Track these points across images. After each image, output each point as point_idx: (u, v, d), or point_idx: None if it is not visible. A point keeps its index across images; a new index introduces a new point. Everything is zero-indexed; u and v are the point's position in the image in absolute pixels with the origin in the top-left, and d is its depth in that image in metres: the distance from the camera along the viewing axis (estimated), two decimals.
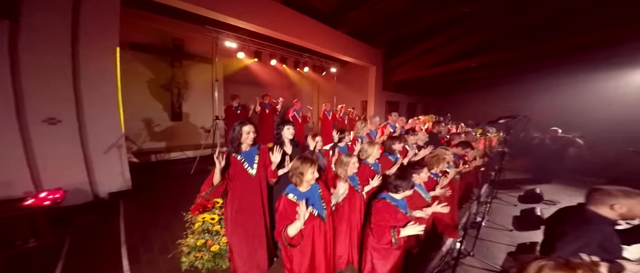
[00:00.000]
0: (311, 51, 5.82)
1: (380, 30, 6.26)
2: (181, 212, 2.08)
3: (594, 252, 1.18)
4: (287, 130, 2.05)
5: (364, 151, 2.37)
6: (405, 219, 1.66)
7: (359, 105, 8.01)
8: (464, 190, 3.44)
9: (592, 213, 1.22)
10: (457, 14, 4.98)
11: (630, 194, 1.16)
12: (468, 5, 4.61)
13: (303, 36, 4.77)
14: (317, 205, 1.44)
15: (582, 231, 1.18)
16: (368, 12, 5.12)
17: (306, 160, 1.39)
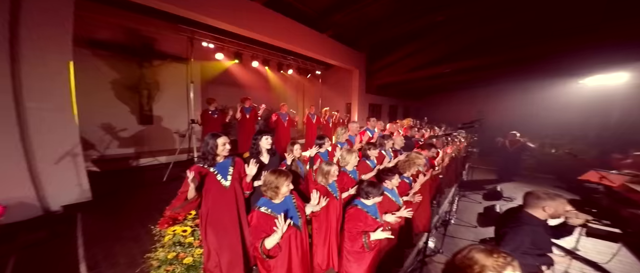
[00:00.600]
0: (296, 53, 5.78)
1: (363, 34, 6.42)
2: (149, 225, 1.96)
3: (528, 249, 1.37)
4: (265, 141, 2.02)
5: (343, 159, 2.43)
6: (376, 224, 1.75)
7: (343, 108, 8.13)
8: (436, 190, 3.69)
9: (528, 215, 1.41)
10: (432, 22, 5.29)
11: (555, 197, 1.35)
12: (442, 14, 4.92)
13: (286, 39, 4.72)
14: (292, 215, 1.47)
15: (518, 231, 1.36)
16: (351, 16, 5.21)
17: (281, 173, 1.40)
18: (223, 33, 4.33)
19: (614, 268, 2.38)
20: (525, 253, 1.36)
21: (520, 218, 1.40)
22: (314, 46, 5.50)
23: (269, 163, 2.03)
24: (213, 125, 3.71)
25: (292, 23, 4.82)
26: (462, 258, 0.88)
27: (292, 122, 4.78)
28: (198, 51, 4.88)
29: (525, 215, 1.42)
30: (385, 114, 9.64)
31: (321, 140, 2.67)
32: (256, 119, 4.36)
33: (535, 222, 1.38)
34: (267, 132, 2.05)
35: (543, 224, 1.40)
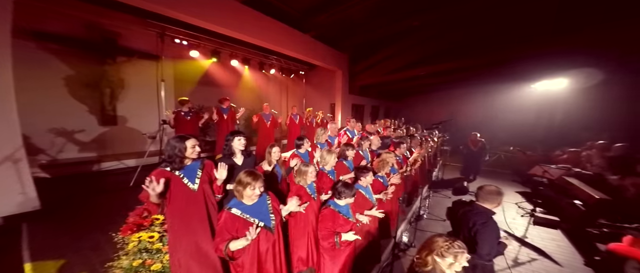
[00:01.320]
0: (279, 53, 5.69)
1: (346, 36, 6.54)
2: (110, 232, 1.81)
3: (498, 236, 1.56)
4: (237, 141, 1.98)
5: (322, 159, 2.50)
6: (348, 224, 1.85)
7: (327, 108, 8.21)
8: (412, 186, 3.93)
9: (487, 210, 1.59)
10: (409, 26, 5.59)
11: (500, 193, 1.55)
12: (417, 19, 5.22)
13: (267, 38, 4.61)
14: (264, 217, 1.47)
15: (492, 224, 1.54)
16: (334, 17, 5.26)
17: (247, 176, 1.39)
18: (199, 30, 4.10)
19: (553, 251, 2.75)
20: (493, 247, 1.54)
21: (485, 213, 1.58)
22: (296, 46, 5.47)
23: (242, 165, 2.00)
24: (186, 127, 3.50)
25: (274, 22, 4.74)
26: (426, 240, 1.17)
27: (275, 122, 4.67)
28: (170, 48, 4.52)
29: (487, 209, 1.60)
30: (367, 114, 9.91)
31: (300, 141, 2.70)
32: (235, 120, 4.20)
33: (491, 214, 1.57)
34: (240, 133, 2.00)
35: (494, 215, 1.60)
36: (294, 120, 5.35)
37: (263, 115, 4.50)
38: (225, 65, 5.71)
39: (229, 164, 1.95)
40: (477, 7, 4.17)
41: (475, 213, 1.59)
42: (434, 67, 6.54)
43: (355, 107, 9.05)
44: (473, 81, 8.39)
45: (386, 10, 4.88)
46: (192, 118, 3.70)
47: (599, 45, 4.07)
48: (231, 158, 1.99)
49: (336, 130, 3.71)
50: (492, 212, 1.58)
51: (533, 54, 5.00)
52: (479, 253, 1.49)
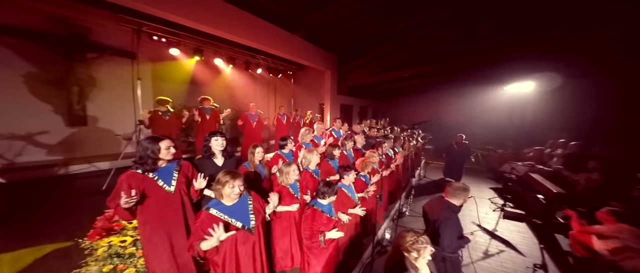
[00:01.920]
0: (266, 53, 5.59)
1: (335, 36, 6.59)
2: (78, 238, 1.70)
3: (457, 235, 1.67)
4: (215, 142, 1.94)
5: (305, 158, 2.53)
6: (331, 222, 1.89)
7: (316, 108, 8.23)
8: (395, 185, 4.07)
9: (452, 205, 1.71)
10: (394, 29, 5.77)
11: (466, 189, 1.67)
12: (402, 22, 5.41)
13: (254, 37, 4.50)
14: (244, 217, 1.45)
15: (454, 220, 1.66)
16: (324, 18, 5.28)
17: (226, 175, 1.38)
18: (180, 27, 3.91)
19: (518, 243, 2.99)
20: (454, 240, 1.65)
21: (450, 208, 1.69)
22: (284, 46, 5.41)
23: (223, 166, 1.97)
24: (164, 128, 3.34)
25: (260, 22, 4.65)
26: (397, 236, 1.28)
27: (261, 123, 4.60)
28: (148, 45, 4.25)
29: (452, 205, 1.72)
30: (356, 115, 10.06)
31: (284, 141, 2.70)
32: (217, 120, 4.07)
33: (456, 210, 1.69)
34: (218, 133, 1.96)
35: (458, 211, 1.72)
36: (281, 120, 5.31)
37: (249, 116, 4.40)
38: (208, 63, 5.48)
39: (209, 165, 1.91)
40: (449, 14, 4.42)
41: (442, 208, 1.71)
42: (417, 69, 6.82)
43: (344, 107, 9.15)
44: (453, 83, 8.85)
45: (373, 11, 4.99)
46: (171, 118, 3.53)
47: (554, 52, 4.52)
48: (211, 160, 1.95)
49: (322, 130, 3.75)
50: (457, 207, 1.70)
51: (502, 58, 5.40)
52: (440, 244, 1.61)
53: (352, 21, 5.58)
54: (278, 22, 5.02)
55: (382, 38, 6.35)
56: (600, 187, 2.78)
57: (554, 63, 5.37)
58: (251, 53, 5.72)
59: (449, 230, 1.62)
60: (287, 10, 4.89)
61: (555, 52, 4.44)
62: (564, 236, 2.88)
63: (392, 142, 4.04)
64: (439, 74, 7.17)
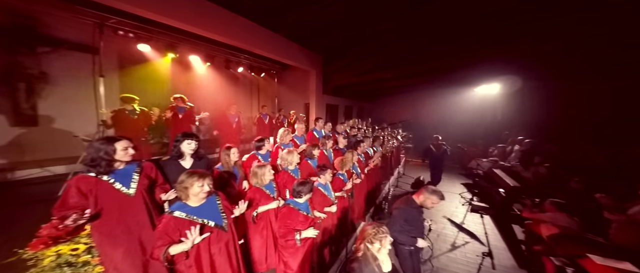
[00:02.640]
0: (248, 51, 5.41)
1: (319, 36, 6.60)
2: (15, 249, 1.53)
3: (402, 224, 1.78)
4: (187, 146, 1.86)
5: (284, 159, 2.52)
6: (307, 220, 1.91)
7: (301, 108, 8.19)
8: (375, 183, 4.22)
9: (411, 199, 1.82)
10: (375, 31, 5.93)
11: (434, 192, 1.77)
12: (382, 24, 5.58)
13: (234, 36, 4.32)
14: (215, 216, 1.43)
15: (398, 210, 1.76)
16: (306, 18, 5.27)
17: (193, 174, 1.34)
18: (150, 22, 3.63)
19: (482, 234, 3.18)
20: (402, 231, 1.76)
21: (407, 202, 1.81)
22: (267, 45, 5.29)
23: (191, 168, 1.88)
24: (130, 128, 3.10)
25: (242, 20, 4.47)
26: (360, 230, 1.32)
27: (241, 123, 4.48)
28: (114, 40, 3.86)
29: (409, 198, 1.84)
30: (341, 114, 10.19)
31: (260, 142, 2.66)
32: (191, 120, 3.85)
33: (412, 205, 1.80)
34: (191, 136, 1.88)
35: (417, 207, 1.83)
36: (263, 120, 5.20)
37: (229, 116, 4.25)
38: (184, 61, 5.14)
39: (174, 168, 1.83)
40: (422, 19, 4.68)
41: (402, 200, 1.84)
42: (397, 70, 7.10)
43: (329, 107, 9.21)
44: (430, 85, 9.38)
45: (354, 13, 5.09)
46: (139, 118, 3.28)
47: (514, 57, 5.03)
48: (177, 161, 1.86)
49: (303, 130, 3.75)
50: (415, 203, 1.81)
51: (472, 62, 5.84)
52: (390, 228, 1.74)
53: (335, 22, 5.64)
54: (260, 20, 4.90)
55: (364, 39, 6.50)
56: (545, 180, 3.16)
57: (515, 67, 5.95)
58: (232, 51, 5.51)
59: (400, 218, 1.74)
60: (269, 8, 4.79)
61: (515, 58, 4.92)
62: (519, 226, 3.22)
63: (371, 141, 4.18)
64: (417, 75, 7.55)
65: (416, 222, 1.82)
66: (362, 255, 1.25)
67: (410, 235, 1.78)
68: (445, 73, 7.18)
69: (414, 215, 1.81)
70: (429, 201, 1.77)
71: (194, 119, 3.83)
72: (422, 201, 1.80)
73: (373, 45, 6.62)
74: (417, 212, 1.83)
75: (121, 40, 3.87)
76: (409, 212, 1.79)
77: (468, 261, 2.70)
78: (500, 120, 9.06)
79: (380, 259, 1.29)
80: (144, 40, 4.01)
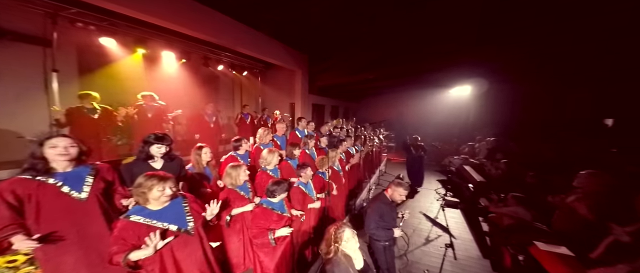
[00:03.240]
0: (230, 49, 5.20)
1: (305, 36, 6.57)
2: None
3: (377, 220, 1.87)
4: (157, 149, 1.75)
5: (264, 159, 2.48)
6: (282, 219, 1.89)
7: (287, 108, 8.10)
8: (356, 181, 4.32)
9: (383, 195, 1.91)
10: (358, 32, 6.05)
11: (399, 184, 1.88)
12: (366, 26, 5.72)
13: (212, 32, 4.12)
14: (179, 220, 1.36)
15: (372, 207, 1.86)
16: (289, 17, 5.21)
17: (151, 177, 1.26)
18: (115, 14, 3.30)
19: (453, 227, 3.44)
20: (379, 227, 1.85)
21: (380, 198, 1.89)
22: (249, 44, 5.13)
23: (161, 169, 1.78)
24: (89, 128, 2.84)
25: (219, 15, 4.28)
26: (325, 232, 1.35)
27: (219, 123, 4.29)
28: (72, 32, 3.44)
29: (381, 194, 1.93)
30: (327, 114, 10.25)
31: (238, 142, 2.60)
32: (164, 119, 3.62)
33: (384, 200, 1.89)
34: (163, 139, 1.77)
35: (389, 203, 1.92)
36: (244, 119, 5.05)
37: (206, 116, 4.05)
38: (157, 56, 4.75)
39: (143, 169, 1.71)
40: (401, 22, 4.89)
41: (374, 197, 1.92)
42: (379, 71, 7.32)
43: (316, 107, 9.22)
44: (411, 86, 9.86)
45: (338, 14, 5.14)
46: (100, 117, 3.00)
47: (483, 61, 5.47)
48: (146, 163, 1.74)
49: (284, 130, 3.71)
50: (387, 199, 1.91)
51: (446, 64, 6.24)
52: (366, 226, 1.81)
53: (319, 22, 5.66)
54: (241, 18, 4.75)
55: (349, 40, 6.61)
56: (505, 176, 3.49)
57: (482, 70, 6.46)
58: (211, 48, 5.26)
59: (375, 214, 1.82)
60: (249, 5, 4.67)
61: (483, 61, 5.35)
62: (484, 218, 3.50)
63: (352, 140, 4.27)
64: (397, 76, 7.86)
65: (390, 216, 1.91)
66: (333, 256, 1.27)
67: (386, 228, 1.86)
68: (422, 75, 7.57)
69: (387, 210, 1.90)
70: (396, 194, 1.86)
71: (166, 118, 3.59)
72: (391, 195, 1.90)
73: (357, 46, 6.76)
74: (389, 207, 1.92)
75: (80, 33, 3.49)
76: (382, 207, 1.87)
77: (439, 254, 2.87)
78: (472, 120, 9.78)
79: (352, 256, 1.32)
80: (108, 34, 3.65)
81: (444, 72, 7.00)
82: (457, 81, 8.34)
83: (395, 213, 1.98)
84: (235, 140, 2.63)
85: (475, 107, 9.70)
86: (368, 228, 1.91)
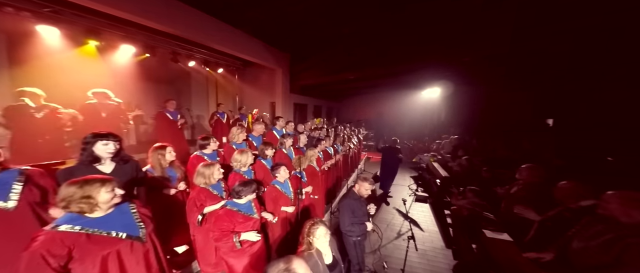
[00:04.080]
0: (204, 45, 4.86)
1: (287, 35, 6.45)
2: None
3: (351, 217, 1.94)
4: (103, 147, 1.54)
5: (237, 161, 2.37)
6: (248, 220, 1.81)
7: (267, 107, 7.89)
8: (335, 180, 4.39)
9: (351, 191, 1.98)
10: (340, 33, 6.13)
11: (365, 179, 1.97)
12: (347, 27, 5.82)
13: (180, 27, 3.81)
14: (128, 226, 1.24)
15: (343, 204, 1.91)
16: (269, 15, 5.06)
17: (87, 181, 1.13)
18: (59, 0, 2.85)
19: (422, 221, 3.71)
20: (353, 223, 1.92)
21: (349, 195, 1.96)
22: (226, 41, 4.84)
23: (113, 173, 1.60)
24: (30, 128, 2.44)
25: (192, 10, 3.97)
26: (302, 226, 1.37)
27: (186, 122, 3.97)
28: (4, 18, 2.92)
29: (350, 190, 2.01)
30: (310, 113, 10.22)
31: (205, 141, 2.46)
32: (121, 119, 3.26)
33: (353, 196, 1.97)
34: (108, 136, 1.56)
35: (359, 198, 2.01)
36: (220, 119, 4.78)
37: (168, 114, 3.68)
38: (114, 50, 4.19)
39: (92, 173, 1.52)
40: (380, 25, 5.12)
41: (345, 195, 2.00)
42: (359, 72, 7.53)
43: (298, 106, 9.12)
44: (389, 86, 10.34)
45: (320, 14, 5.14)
46: (46, 116, 2.58)
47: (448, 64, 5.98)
48: (92, 167, 1.54)
49: (262, 130, 3.61)
50: (356, 194, 1.99)
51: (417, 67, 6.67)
52: (341, 223, 1.88)
53: (301, 21, 5.62)
54: (219, 14, 4.47)
55: (330, 41, 6.67)
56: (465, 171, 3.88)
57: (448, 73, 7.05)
58: (180, 43, 4.86)
59: (344, 211, 1.90)
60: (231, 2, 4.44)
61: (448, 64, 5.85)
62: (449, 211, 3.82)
63: (331, 139, 4.33)
64: (376, 77, 8.18)
65: (361, 211, 2.00)
66: (305, 250, 1.32)
67: (359, 223, 1.94)
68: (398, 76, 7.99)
69: (357, 205, 1.97)
70: (363, 189, 1.96)
71: (125, 117, 3.22)
72: (358, 190, 1.99)
73: (339, 47, 6.85)
74: (359, 202, 2.00)
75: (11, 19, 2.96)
76: (352, 203, 1.94)
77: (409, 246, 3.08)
78: (442, 120, 10.63)
79: (322, 252, 1.37)
80: (49, 22, 3.12)
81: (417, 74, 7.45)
82: (428, 83, 8.97)
83: (364, 208, 2.06)
84: (203, 138, 2.48)
85: (444, 107, 10.55)
86: (343, 226, 1.96)
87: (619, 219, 1.28)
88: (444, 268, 2.63)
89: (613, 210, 1.31)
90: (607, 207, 1.35)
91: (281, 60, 7.31)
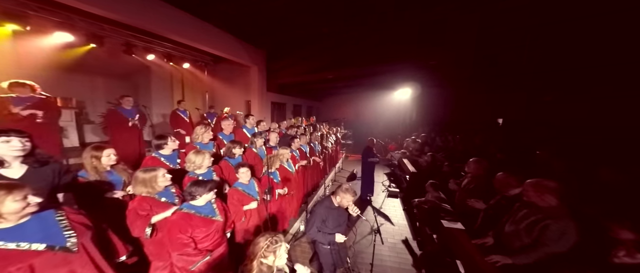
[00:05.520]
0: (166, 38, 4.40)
1: (264, 32, 6.20)
2: None
3: (320, 226, 1.90)
4: (6, 146, 1.29)
5: (191, 162, 2.16)
6: (208, 223, 1.65)
7: (242, 105, 7.52)
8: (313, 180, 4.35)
9: (329, 200, 1.94)
10: (320, 32, 6.11)
11: (347, 191, 1.88)
12: (326, 26, 5.82)
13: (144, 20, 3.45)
14: (52, 236, 1.09)
15: (315, 211, 1.88)
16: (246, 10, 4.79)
17: None
18: None
19: (393, 215, 3.89)
20: (320, 230, 1.88)
21: (323, 201, 1.92)
22: (196, 36, 4.49)
23: (24, 178, 1.33)
24: None
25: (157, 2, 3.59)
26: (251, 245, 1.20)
27: (144, 120, 3.53)
28: None
29: (328, 198, 1.96)
30: (289, 113, 10.04)
31: (162, 140, 2.21)
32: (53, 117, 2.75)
33: (330, 205, 1.91)
34: (8, 132, 1.30)
35: (335, 208, 1.91)
36: (181, 117, 4.32)
37: (122, 112, 3.27)
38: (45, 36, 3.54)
39: None
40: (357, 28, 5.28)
41: (320, 202, 1.98)
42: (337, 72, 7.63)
43: (276, 105, 8.88)
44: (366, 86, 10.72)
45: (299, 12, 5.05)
46: None
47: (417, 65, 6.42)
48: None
49: (231, 128, 3.41)
50: (333, 204, 1.91)
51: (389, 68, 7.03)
52: (306, 228, 1.85)
53: (279, 18, 5.46)
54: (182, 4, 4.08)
55: (310, 39, 6.61)
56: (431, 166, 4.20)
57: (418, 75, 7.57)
58: (135, 34, 4.33)
59: (317, 219, 1.86)
60: None
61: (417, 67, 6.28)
62: None
63: (307, 138, 4.29)
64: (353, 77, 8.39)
65: (335, 222, 1.90)
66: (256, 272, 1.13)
67: (327, 233, 1.86)
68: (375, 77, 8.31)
69: (333, 215, 1.88)
70: (344, 201, 1.84)
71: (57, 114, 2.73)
72: (339, 202, 1.87)
73: (318, 45, 6.83)
74: (336, 211, 1.90)
75: None
76: (325, 212, 1.85)
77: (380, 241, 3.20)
78: (414, 119, 11.39)
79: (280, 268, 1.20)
80: None
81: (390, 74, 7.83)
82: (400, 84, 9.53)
83: (342, 218, 1.96)
84: (157, 137, 2.22)
85: (415, 108, 11.33)
86: (308, 231, 1.88)
87: (537, 204, 1.49)
88: (412, 260, 2.79)
89: (531, 196, 1.52)
90: (527, 194, 1.56)
91: (256, 57, 7.04)
